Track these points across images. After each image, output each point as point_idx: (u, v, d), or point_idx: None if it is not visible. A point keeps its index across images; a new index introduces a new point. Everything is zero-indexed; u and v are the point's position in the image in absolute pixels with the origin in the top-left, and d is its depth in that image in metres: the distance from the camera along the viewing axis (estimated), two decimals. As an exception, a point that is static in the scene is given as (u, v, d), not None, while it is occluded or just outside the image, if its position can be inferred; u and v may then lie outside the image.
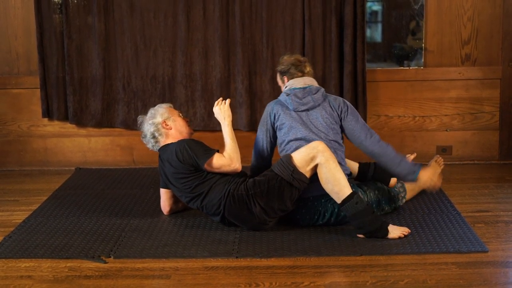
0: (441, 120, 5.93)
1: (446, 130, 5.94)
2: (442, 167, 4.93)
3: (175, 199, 4.71)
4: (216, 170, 4.37)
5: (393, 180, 4.67)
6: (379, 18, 6.23)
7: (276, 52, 5.77)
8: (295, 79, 4.60)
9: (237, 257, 3.96)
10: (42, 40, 5.82)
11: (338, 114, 4.53)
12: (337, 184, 4.14)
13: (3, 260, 4.01)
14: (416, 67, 5.91)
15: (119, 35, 5.83)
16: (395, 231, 4.15)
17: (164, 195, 4.70)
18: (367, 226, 4.12)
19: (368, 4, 5.93)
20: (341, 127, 4.55)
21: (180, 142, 4.47)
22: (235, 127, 5.84)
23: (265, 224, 4.34)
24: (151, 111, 4.68)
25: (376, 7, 6.21)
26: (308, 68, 4.67)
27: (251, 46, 5.80)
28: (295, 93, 4.52)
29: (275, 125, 4.56)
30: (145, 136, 4.63)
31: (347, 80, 5.69)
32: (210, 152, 4.38)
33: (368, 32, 5.95)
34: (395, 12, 6.04)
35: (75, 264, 3.92)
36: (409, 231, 4.20)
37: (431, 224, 4.41)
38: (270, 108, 4.60)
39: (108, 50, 5.85)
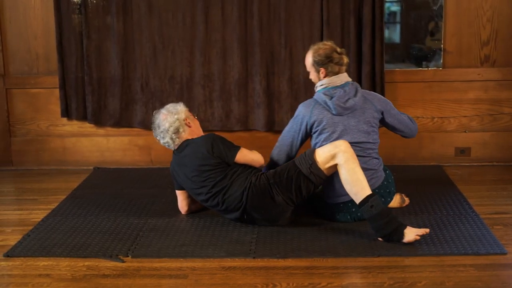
0: (460, 121, 5.90)
1: (465, 132, 5.91)
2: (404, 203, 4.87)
3: (191, 199, 4.72)
4: (245, 158, 4.47)
5: None
6: (398, 18, 6.20)
7: (294, 53, 5.77)
8: (332, 78, 4.51)
9: (254, 258, 3.96)
10: (61, 40, 5.85)
11: (379, 114, 4.58)
12: (355, 185, 4.15)
13: (22, 258, 4.04)
14: (435, 68, 5.88)
15: (137, 35, 5.84)
16: (410, 235, 4.05)
17: (181, 196, 4.72)
18: (382, 229, 4.09)
19: (387, 4, 5.91)
20: (381, 121, 4.65)
21: (208, 136, 4.52)
22: (253, 127, 5.88)
23: (285, 212, 4.38)
24: (171, 108, 4.67)
25: (395, 7, 6.18)
26: (345, 60, 4.56)
27: (269, 46, 5.80)
28: (337, 96, 4.45)
29: (314, 130, 4.49)
30: (167, 130, 4.61)
31: (366, 81, 5.68)
32: (238, 146, 4.51)
33: (386, 33, 5.93)
34: (413, 13, 6.02)
35: (93, 263, 3.94)
36: (427, 231, 4.11)
37: (449, 225, 4.39)
38: (308, 112, 4.49)
39: (127, 50, 5.87)
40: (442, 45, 5.82)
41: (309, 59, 4.60)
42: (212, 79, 5.87)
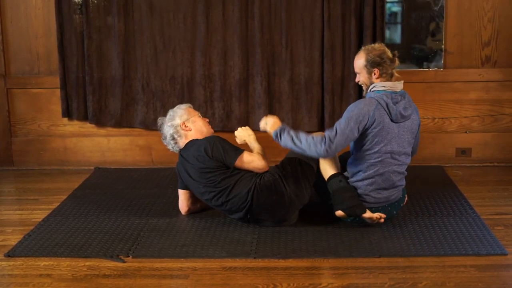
0: (461, 122, 5.90)
1: (466, 132, 5.91)
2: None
3: (193, 200, 4.72)
4: (246, 165, 4.43)
5: None
6: (399, 19, 6.20)
7: (295, 53, 5.77)
8: (395, 82, 4.33)
9: (255, 258, 3.97)
10: (62, 40, 5.85)
11: (417, 127, 4.51)
12: (330, 162, 4.39)
13: (23, 258, 4.04)
14: (436, 68, 5.88)
15: (138, 36, 5.84)
16: (371, 213, 4.29)
17: (183, 195, 4.71)
18: (346, 201, 4.23)
19: (388, 5, 5.91)
20: None
21: (209, 138, 4.51)
22: (254, 127, 5.85)
23: (292, 212, 4.41)
24: (170, 113, 4.69)
25: (396, 8, 6.18)
26: (397, 62, 4.39)
27: (270, 47, 5.80)
28: (400, 104, 4.29)
29: (369, 130, 4.25)
30: (165, 138, 4.67)
31: (366, 82, 5.68)
32: (239, 150, 4.45)
33: (387, 33, 5.93)
34: (415, 13, 6.01)
35: (94, 263, 3.94)
36: (384, 216, 4.33)
37: (450, 226, 4.39)
38: (371, 111, 4.22)
39: (128, 51, 5.87)
40: (443, 46, 5.82)
41: (360, 60, 4.38)
42: (213, 79, 5.87)
